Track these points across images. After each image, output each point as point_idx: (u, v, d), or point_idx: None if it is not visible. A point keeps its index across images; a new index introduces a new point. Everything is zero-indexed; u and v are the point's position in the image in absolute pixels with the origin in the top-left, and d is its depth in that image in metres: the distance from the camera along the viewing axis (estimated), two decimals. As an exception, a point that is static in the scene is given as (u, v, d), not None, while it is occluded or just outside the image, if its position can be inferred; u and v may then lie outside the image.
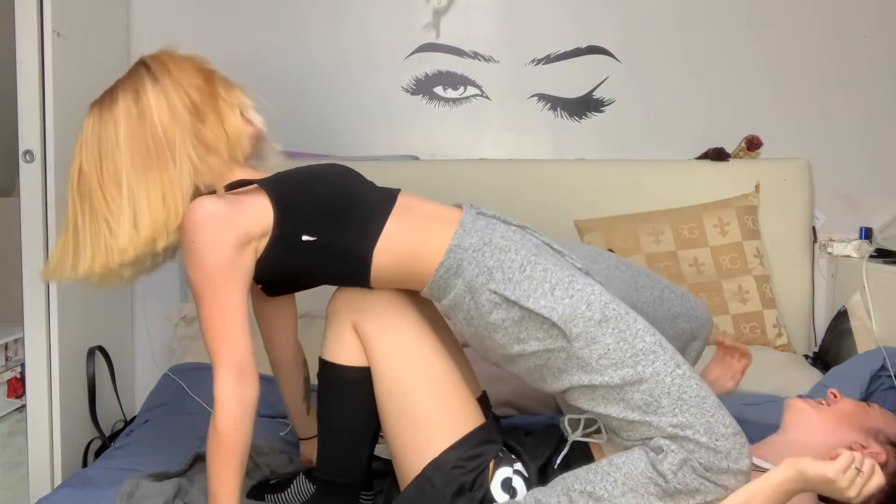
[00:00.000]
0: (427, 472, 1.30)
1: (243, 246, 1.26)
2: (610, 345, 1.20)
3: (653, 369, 1.19)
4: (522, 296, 1.23)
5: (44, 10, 1.97)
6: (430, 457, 1.30)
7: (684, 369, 1.21)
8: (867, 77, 2.54)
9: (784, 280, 2.44)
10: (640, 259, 2.37)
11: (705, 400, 1.19)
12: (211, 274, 1.24)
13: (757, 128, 2.55)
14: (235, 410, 1.22)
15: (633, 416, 1.20)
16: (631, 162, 2.53)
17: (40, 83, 1.99)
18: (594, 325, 1.21)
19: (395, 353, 1.35)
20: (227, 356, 1.23)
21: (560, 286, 1.24)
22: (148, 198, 1.27)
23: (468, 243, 1.29)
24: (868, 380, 1.86)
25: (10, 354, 2.41)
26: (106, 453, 1.81)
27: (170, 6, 2.60)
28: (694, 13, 2.57)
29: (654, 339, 1.22)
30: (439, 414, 1.33)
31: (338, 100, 2.61)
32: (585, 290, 1.24)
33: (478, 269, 1.27)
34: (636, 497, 1.16)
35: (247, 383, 1.24)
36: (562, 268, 1.27)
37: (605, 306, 1.23)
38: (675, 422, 1.17)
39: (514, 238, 1.31)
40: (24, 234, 2.00)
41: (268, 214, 1.27)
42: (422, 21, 2.59)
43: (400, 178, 2.55)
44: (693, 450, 1.16)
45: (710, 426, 1.17)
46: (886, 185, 2.56)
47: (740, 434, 1.18)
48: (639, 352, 1.20)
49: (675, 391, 1.18)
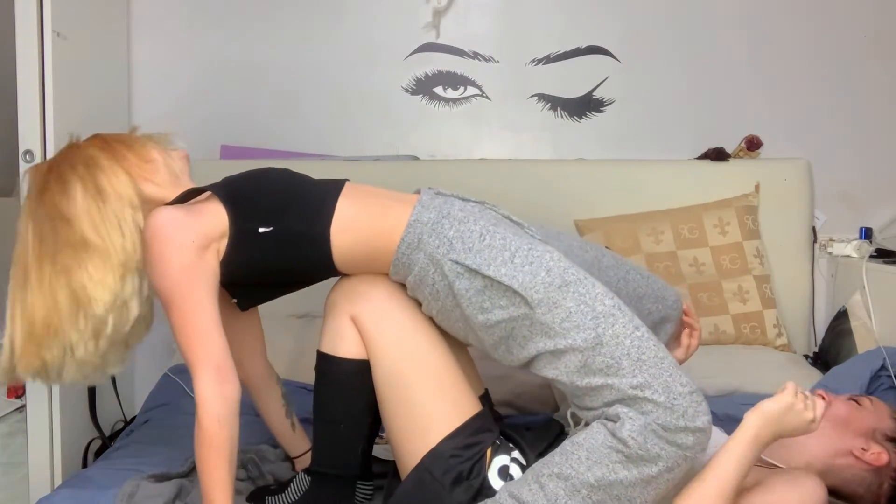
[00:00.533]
0: (425, 461, 1.31)
1: (205, 248, 1.30)
2: (571, 308, 1.22)
3: (612, 331, 1.21)
4: (483, 264, 1.25)
5: (44, 10, 1.97)
6: (429, 446, 1.31)
7: (642, 331, 1.23)
8: (867, 77, 2.54)
9: (784, 280, 2.44)
10: (640, 259, 2.37)
11: (663, 360, 1.21)
12: (177, 279, 1.26)
13: (757, 128, 2.55)
14: (219, 409, 1.24)
15: (596, 380, 1.21)
16: (631, 162, 2.53)
17: (40, 83, 1.99)
18: (555, 289, 1.23)
19: (393, 343, 1.36)
20: (203, 357, 1.25)
21: (520, 253, 1.26)
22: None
23: (427, 217, 1.32)
24: (868, 380, 1.87)
25: (10, 354, 2.40)
26: (106, 453, 1.81)
27: (170, 6, 2.60)
28: (694, 13, 2.57)
29: (613, 303, 1.24)
30: (438, 403, 1.34)
31: (338, 100, 2.62)
32: (545, 257, 1.26)
33: (438, 240, 1.29)
34: (601, 469, 1.18)
35: (227, 381, 1.26)
36: (521, 237, 1.30)
37: (565, 271, 1.25)
38: (635, 382, 1.19)
39: (472, 210, 1.34)
40: (24, 234, 2.00)
41: (222, 215, 1.33)
42: (422, 21, 2.59)
43: (400, 178, 2.57)
44: (651, 410, 1.17)
45: (668, 385, 1.18)
46: (886, 185, 2.56)
47: (697, 393, 1.20)
48: (599, 314, 1.22)
49: (635, 352, 1.20)
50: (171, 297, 1.27)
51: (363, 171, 2.48)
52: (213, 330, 1.27)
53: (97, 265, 1.29)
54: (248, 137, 2.62)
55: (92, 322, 1.29)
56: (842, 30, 2.54)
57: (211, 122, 2.63)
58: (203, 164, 2.54)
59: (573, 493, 1.18)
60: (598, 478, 1.17)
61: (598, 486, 1.18)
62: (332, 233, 1.34)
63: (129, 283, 1.31)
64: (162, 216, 1.29)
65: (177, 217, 1.30)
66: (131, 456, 1.67)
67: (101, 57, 2.37)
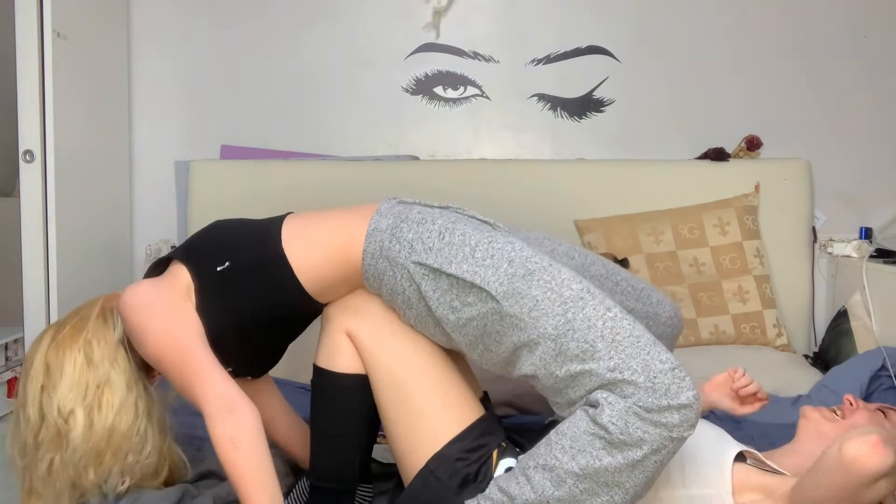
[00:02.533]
0: (431, 465, 1.30)
1: (176, 300, 1.34)
2: (538, 296, 1.20)
3: (583, 314, 1.19)
4: (444, 262, 1.25)
5: (44, 10, 1.98)
6: (434, 451, 1.30)
7: (615, 311, 1.20)
8: (867, 77, 2.54)
9: (784, 280, 2.44)
10: (640, 259, 2.37)
11: (639, 339, 1.17)
12: (160, 336, 1.30)
13: (757, 128, 2.55)
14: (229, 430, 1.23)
15: (573, 366, 1.18)
16: (631, 162, 2.53)
17: (40, 83, 1.99)
18: (518, 279, 1.21)
19: (391, 353, 1.35)
20: (206, 394, 1.25)
21: (480, 248, 1.25)
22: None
23: (385, 224, 1.32)
24: (868, 380, 1.86)
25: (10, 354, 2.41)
26: (106, 453, 1.80)
27: (170, 6, 2.60)
28: (694, 13, 2.57)
29: (581, 287, 1.22)
30: (440, 409, 1.33)
31: (338, 100, 2.62)
32: (506, 248, 1.25)
33: (398, 245, 1.29)
34: (585, 457, 1.15)
35: (235, 408, 1.25)
36: (481, 231, 1.29)
37: (527, 260, 1.23)
38: (612, 364, 1.16)
39: (431, 212, 1.34)
40: (24, 234, 2.00)
41: (182, 270, 1.37)
42: (422, 21, 2.59)
43: (400, 178, 2.58)
44: (632, 393, 1.14)
45: (647, 364, 1.15)
46: (886, 185, 2.56)
47: (679, 368, 1.16)
48: (567, 300, 1.20)
49: (609, 334, 1.17)
50: (160, 354, 1.30)
51: (363, 171, 2.49)
52: (209, 367, 1.28)
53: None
54: (248, 137, 2.62)
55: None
56: (842, 30, 2.53)
57: (211, 122, 2.63)
58: (203, 164, 2.54)
59: (559, 483, 1.17)
60: (583, 466, 1.15)
61: (584, 474, 1.15)
62: (286, 248, 1.35)
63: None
64: (128, 293, 1.35)
65: (141, 288, 1.36)
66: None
67: (101, 57, 2.37)
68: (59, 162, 2.01)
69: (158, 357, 1.30)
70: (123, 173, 2.53)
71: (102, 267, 2.36)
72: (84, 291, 2.18)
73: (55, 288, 2.01)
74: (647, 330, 1.21)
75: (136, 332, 1.33)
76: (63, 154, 2.04)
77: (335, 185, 2.46)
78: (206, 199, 2.48)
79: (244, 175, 2.51)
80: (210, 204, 2.46)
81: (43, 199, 2.00)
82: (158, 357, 1.30)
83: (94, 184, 2.30)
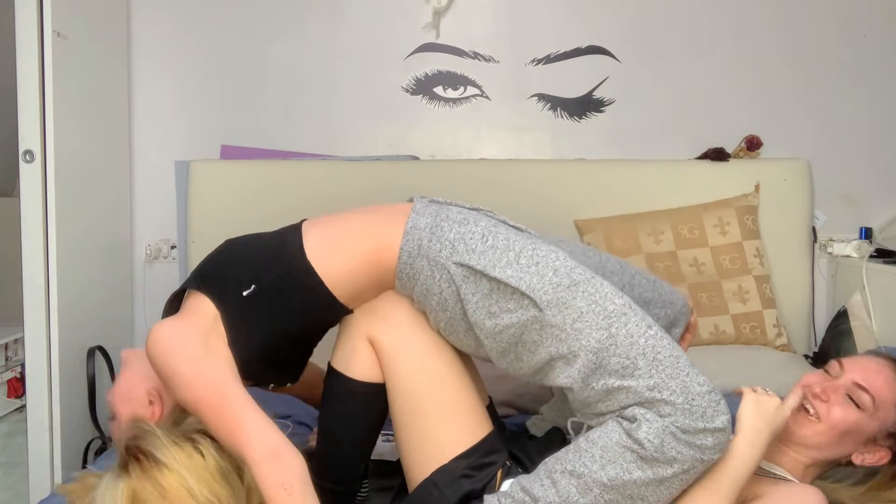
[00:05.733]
0: (435, 476, 1.29)
1: (206, 337, 1.27)
2: (582, 308, 1.19)
3: (626, 331, 1.18)
4: (488, 265, 1.22)
5: (44, 10, 1.97)
6: (440, 464, 1.30)
7: (655, 330, 1.19)
8: (867, 77, 2.54)
9: (784, 280, 2.44)
10: (640, 259, 2.37)
11: (678, 360, 1.17)
12: (193, 381, 1.22)
13: (757, 128, 2.55)
14: (282, 477, 1.17)
15: (612, 381, 1.17)
16: (631, 162, 2.53)
17: (40, 83, 1.99)
18: (563, 289, 1.20)
19: (412, 361, 1.33)
20: (260, 449, 1.18)
21: (524, 254, 1.23)
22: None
23: (424, 223, 1.28)
24: (868, 380, 1.86)
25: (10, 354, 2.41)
26: (106, 453, 1.81)
27: (170, 6, 2.59)
28: (694, 14, 2.57)
29: (623, 301, 1.21)
30: (452, 423, 1.32)
31: (338, 100, 2.61)
32: (550, 257, 1.23)
33: (439, 244, 1.26)
34: (615, 468, 1.15)
35: (281, 456, 1.18)
36: (523, 237, 1.27)
37: (572, 271, 1.22)
38: (652, 383, 1.15)
39: (470, 213, 1.31)
40: (24, 234, 2.00)
41: (205, 302, 1.30)
42: (422, 21, 2.59)
43: (400, 178, 2.58)
44: (669, 413, 1.14)
45: (686, 386, 1.15)
46: (886, 185, 2.56)
47: (714, 392, 1.16)
48: (610, 314, 1.19)
49: (650, 352, 1.17)
50: (196, 401, 1.22)
51: (363, 171, 2.49)
52: (248, 412, 1.20)
53: None
54: (248, 137, 2.62)
55: None
56: (842, 30, 2.54)
57: (211, 122, 2.62)
58: (203, 164, 2.54)
59: (585, 491, 1.16)
60: (612, 477, 1.15)
61: (611, 485, 1.15)
62: (312, 260, 1.29)
63: None
64: (154, 334, 1.28)
65: (166, 329, 1.28)
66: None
67: (101, 57, 2.37)
68: (59, 162, 2.01)
69: (193, 403, 1.23)
70: (123, 173, 2.53)
71: (102, 267, 2.36)
72: (84, 291, 2.19)
73: (55, 288, 2.01)
74: (683, 351, 1.20)
75: (166, 377, 1.26)
76: (63, 154, 2.04)
77: (335, 185, 2.46)
78: (206, 199, 2.48)
79: (244, 175, 2.51)
80: (210, 204, 2.46)
81: (43, 199, 2.00)
82: (193, 403, 1.23)
83: (94, 184, 2.30)
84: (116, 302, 2.47)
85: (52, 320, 2.01)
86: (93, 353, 2.20)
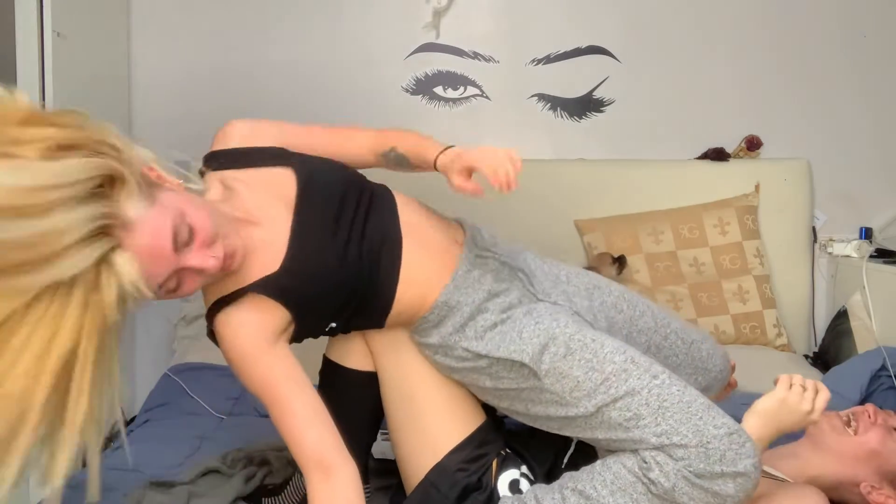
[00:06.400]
0: (431, 476, 1.30)
1: (276, 340, 1.20)
2: (579, 377, 1.19)
3: (626, 387, 1.16)
4: (493, 349, 1.25)
5: (44, 10, 1.97)
6: (435, 460, 1.31)
7: (662, 378, 1.17)
8: (867, 77, 2.54)
9: (784, 280, 2.44)
10: (640, 259, 2.37)
11: (690, 405, 1.14)
12: (259, 385, 1.18)
13: (757, 128, 2.55)
14: (331, 500, 1.14)
15: (617, 434, 1.17)
16: (631, 162, 2.53)
17: (40, 83, 1.99)
18: (560, 359, 1.20)
19: (403, 360, 1.35)
20: (306, 457, 1.15)
21: (527, 329, 1.24)
22: None
23: (455, 300, 1.29)
24: (868, 380, 1.86)
25: (10, 354, 2.41)
26: (106, 453, 1.80)
27: (169, 6, 2.59)
28: (694, 14, 2.57)
29: (624, 358, 1.19)
30: (446, 417, 1.33)
31: (338, 100, 2.61)
32: (551, 326, 1.24)
33: (453, 327, 1.28)
34: (624, 496, 1.14)
35: (333, 473, 1.15)
36: (529, 309, 1.28)
37: (570, 339, 1.22)
38: (659, 430, 1.13)
39: (498, 291, 1.31)
40: (24, 234, 2.00)
41: (285, 316, 1.21)
42: (422, 21, 2.59)
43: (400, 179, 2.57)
44: (683, 456, 1.10)
45: (699, 428, 1.11)
46: (886, 185, 2.56)
47: (738, 433, 1.11)
48: (609, 375, 1.18)
49: (654, 401, 1.15)
50: (262, 397, 1.19)
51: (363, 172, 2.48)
52: (307, 424, 1.16)
53: None
54: (248, 137, 2.62)
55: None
56: (842, 30, 2.53)
57: (211, 123, 2.61)
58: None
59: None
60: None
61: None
62: (396, 296, 1.28)
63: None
64: (229, 325, 1.18)
65: (241, 321, 1.18)
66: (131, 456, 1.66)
67: (101, 57, 2.36)
68: (59, 162, 2.01)
69: (257, 395, 1.19)
70: (123, 173, 2.53)
71: (102, 267, 2.35)
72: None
73: (55, 288, 2.01)
74: (700, 394, 1.17)
75: (229, 361, 1.20)
76: (63, 154, 2.03)
77: (335, 185, 2.46)
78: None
79: (244, 175, 2.50)
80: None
81: (43, 199, 2.00)
82: (257, 395, 1.19)
83: (94, 184, 2.29)
84: (116, 302, 2.47)
85: (52, 320, 2.01)
86: (93, 353, 2.20)
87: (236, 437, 1.70)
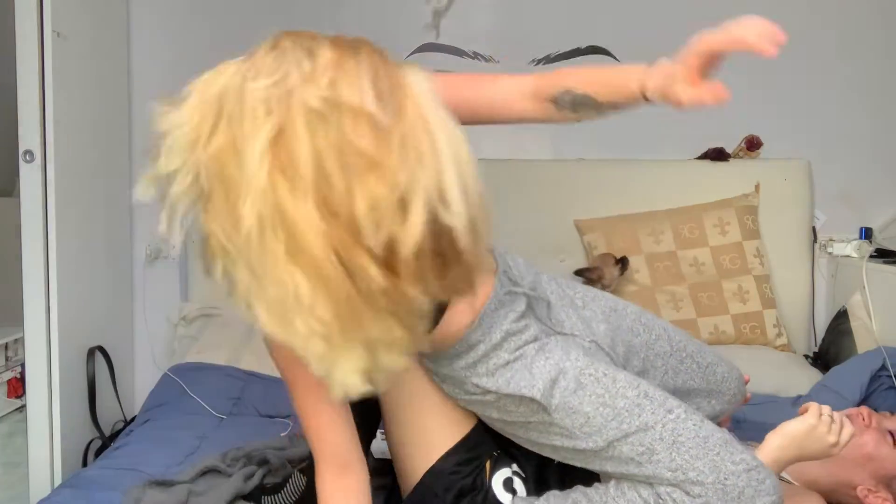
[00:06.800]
0: (426, 479, 1.30)
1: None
2: (589, 413, 1.16)
3: (639, 422, 1.14)
4: (503, 385, 1.22)
5: (44, 10, 1.97)
6: (430, 463, 1.30)
7: (677, 413, 1.14)
8: (867, 77, 2.54)
9: (784, 280, 2.44)
10: (640, 259, 2.37)
11: (707, 440, 1.11)
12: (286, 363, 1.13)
13: (757, 128, 2.54)
14: (336, 500, 1.13)
15: (629, 468, 1.14)
16: (631, 162, 2.53)
17: (40, 83, 1.98)
18: (570, 394, 1.17)
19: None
20: (321, 453, 1.13)
21: (537, 364, 1.21)
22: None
23: (475, 339, 1.24)
24: (868, 380, 1.86)
25: (10, 354, 2.41)
26: (106, 453, 1.81)
27: (170, 6, 2.60)
28: (693, 14, 2.56)
29: (637, 392, 1.17)
30: (441, 420, 1.33)
31: (338, 100, 2.61)
32: (562, 360, 1.21)
33: (465, 363, 1.24)
34: None
35: (347, 474, 1.13)
36: (542, 345, 1.24)
37: (581, 373, 1.19)
38: (674, 465, 1.10)
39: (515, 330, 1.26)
40: (24, 234, 2.00)
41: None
42: (422, 21, 2.59)
43: (400, 178, 2.57)
44: (700, 493, 1.07)
45: (716, 464, 1.08)
46: (886, 185, 2.56)
47: (757, 470, 1.08)
48: (621, 411, 1.15)
49: (668, 436, 1.12)
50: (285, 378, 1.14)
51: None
52: (332, 427, 1.13)
53: None
54: (248, 137, 2.62)
55: None
56: (842, 29, 2.53)
57: (211, 122, 2.62)
58: (203, 164, 2.54)
59: None
60: None
61: None
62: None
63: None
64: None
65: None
66: (131, 456, 1.67)
67: (101, 57, 2.36)
68: (59, 162, 2.01)
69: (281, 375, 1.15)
70: (124, 173, 2.53)
71: (102, 267, 2.36)
72: (84, 291, 2.19)
73: (55, 288, 2.01)
74: (717, 428, 1.14)
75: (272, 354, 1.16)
76: (63, 154, 2.04)
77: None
78: (206, 199, 2.48)
79: (244, 175, 2.51)
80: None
81: (43, 199, 2.00)
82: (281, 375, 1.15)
83: (94, 184, 2.29)
84: (116, 302, 2.47)
85: (52, 320, 2.01)
86: (93, 353, 2.20)
87: (236, 437, 1.70)
